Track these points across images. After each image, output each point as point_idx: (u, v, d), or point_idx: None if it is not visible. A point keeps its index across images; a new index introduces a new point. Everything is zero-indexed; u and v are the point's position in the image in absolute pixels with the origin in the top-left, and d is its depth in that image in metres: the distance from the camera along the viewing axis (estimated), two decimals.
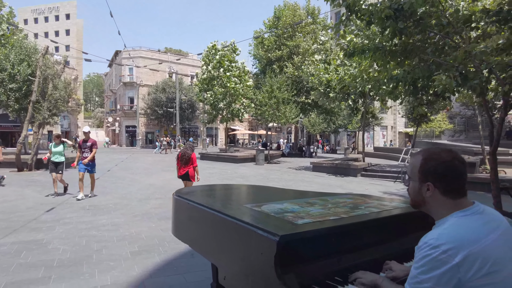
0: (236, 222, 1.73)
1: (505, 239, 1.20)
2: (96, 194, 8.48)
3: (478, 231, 1.16)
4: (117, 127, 46.85)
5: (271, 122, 21.04)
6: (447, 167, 1.25)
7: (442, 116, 28.82)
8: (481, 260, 1.10)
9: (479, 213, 1.23)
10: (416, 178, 1.32)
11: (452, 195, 1.26)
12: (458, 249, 1.10)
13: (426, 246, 1.16)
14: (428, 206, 1.33)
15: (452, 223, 1.21)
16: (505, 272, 1.13)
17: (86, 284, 3.36)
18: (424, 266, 1.15)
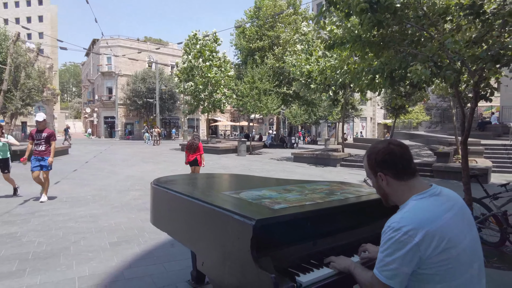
0: (213, 208, 1.75)
1: (460, 218, 1.31)
2: (48, 198, 6.74)
3: (434, 211, 1.26)
4: (96, 118, 45.60)
5: (253, 113, 21.01)
6: (384, 153, 1.38)
7: (419, 108, 29.61)
8: (438, 238, 1.20)
9: (436, 194, 1.33)
10: (371, 175, 1.45)
11: (401, 176, 1.37)
12: (417, 229, 1.20)
13: (389, 229, 1.26)
14: (390, 196, 1.43)
15: (411, 206, 1.31)
16: (460, 248, 1.24)
17: (63, 275, 3.30)
18: (388, 248, 1.24)
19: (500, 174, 11.55)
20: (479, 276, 1.32)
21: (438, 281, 1.23)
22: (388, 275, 1.25)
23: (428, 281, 1.24)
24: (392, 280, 1.24)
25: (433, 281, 1.23)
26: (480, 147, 13.35)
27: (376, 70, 4.31)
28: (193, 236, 1.96)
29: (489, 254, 3.98)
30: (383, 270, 1.26)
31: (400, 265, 1.22)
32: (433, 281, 1.23)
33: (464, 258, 1.25)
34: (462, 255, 1.24)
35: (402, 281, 1.25)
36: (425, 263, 1.22)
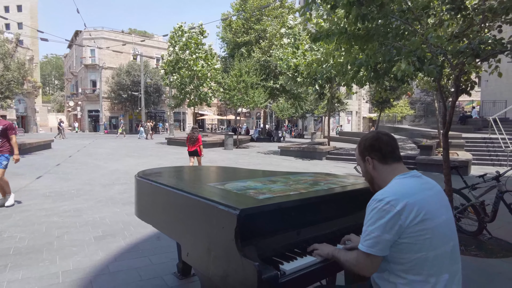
0: (198, 199, 1.75)
1: (438, 199, 1.44)
2: (9, 200, 5.71)
3: (415, 187, 1.40)
4: (79, 111, 44.56)
5: (240, 107, 20.94)
6: (373, 139, 1.56)
7: (404, 102, 30.14)
8: (417, 209, 1.32)
9: (417, 176, 1.48)
10: (361, 161, 1.62)
11: (386, 160, 1.52)
12: (399, 199, 1.33)
13: (373, 201, 1.39)
14: (376, 180, 1.56)
15: (394, 182, 1.45)
16: (436, 221, 1.36)
17: (46, 270, 3.25)
18: (371, 218, 1.36)
19: (480, 166, 11.91)
20: (454, 257, 1.41)
21: (417, 251, 1.32)
22: (370, 244, 1.35)
23: (408, 251, 1.33)
24: (374, 248, 1.34)
25: (412, 251, 1.32)
26: (461, 140, 13.71)
27: (361, 63, 4.35)
28: (177, 228, 1.96)
29: (468, 243, 4.12)
30: (366, 240, 1.36)
31: (382, 232, 1.32)
32: (412, 250, 1.32)
33: (440, 232, 1.36)
34: (438, 228, 1.35)
35: (384, 248, 1.34)
36: (405, 232, 1.32)
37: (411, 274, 1.34)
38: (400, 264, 1.36)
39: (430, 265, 1.33)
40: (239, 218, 1.44)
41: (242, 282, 1.39)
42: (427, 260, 1.33)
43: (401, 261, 1.36)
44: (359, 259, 1.40)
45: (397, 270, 1.37)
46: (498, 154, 12.81)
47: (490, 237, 4.30)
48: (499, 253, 3.88)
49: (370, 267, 1.38)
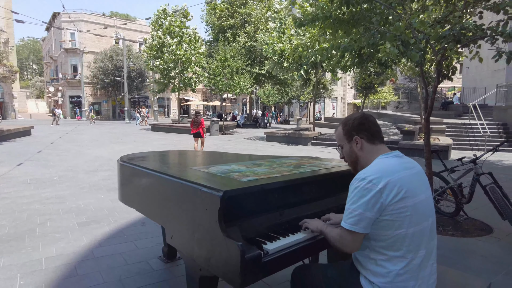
0: (181, 182, 1.75)
1: (418, 178, 1.48)
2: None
3: (397, 166, 1.43)
4: (60, 97, 43.22)
5: (225, 93, 20.75)
6: (361, 118, 1.57)
7: (388, 88, 30.46)
8: (397, 187, 1.35)
9: (399, 156, 1.51)
10: (345, 141, 1.61)
11: (374, 140, 1.54)
12: (380, 178, 1.36)
13: (355, 180, 1.41)
14: (361, 160, 1.57)
15: (376, 162, 1.48)
16: (416, 199, 1.40)
17: (28, 257, 3.21)
18: (354, 196, 1.39)
19: (459, 151, 12.27)
20: (432, 234, 1.47)
21: (397, 227, 1.36)
22: (352, 222, 1.38)
23: (389, 228, 1.37)
24: (356, 225, 1.37)
25: (392, 227, 1.37)
26: (442, 126, 14.05)
27: (345, 47, 4.36)
28: (161, 211, 1.96)
29: (445, 223, 4.28)
30: (348, 218, 1.40)
31: (364, 210, 1.36)
32: (393, 227, 1.37)
33: (420, 210, 1.40)
34: (418, 206, 1.40)
35: (366, 226, 1.37)
36: (386, 209, 1.35)
37: (390, 251, 1.39)
38: (380, 241, 1.40)
39: (409, 241, 1.38)
40: (222, 200, 1.45)
41: (226, 262, 1.41)
42: (406, 237, 1.37)
43: (381, 238, 1.40)
44: (343, 236, 1.43)
45: (377, 246, 1.41)
46: (477, 139, 13.22)
47: (466, 217, 4.48)
48: (473, 232, 4.05)
49: (353, 244, 1.42)
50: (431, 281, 1.47)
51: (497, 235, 3.95)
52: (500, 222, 4.09)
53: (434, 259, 1.50)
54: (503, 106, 15.01)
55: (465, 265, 3.17)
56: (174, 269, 3.01)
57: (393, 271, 1.38)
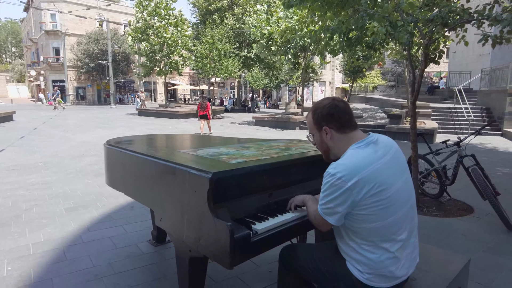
0: (169, 164, 1.74)
1: (393, 163, 1.44)
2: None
3: (369, 158, 1.37)
4: (43, 81, 41.86)
5: (213, 76, 20.49)
6: (330, 107, 1.47)
7: (375, 72, 30.61)
8: (370, 182, 1.32)
9: (372, 142, 1.44)
10: (315, 130, 1.54)
11: (344, 129, 1.47)
12: (351, 175, 1.32)
13: (327, 174, 1.38)
14: (332, 150, 1.53)
15: (348, 154, 1.42)
16: (391, 190, 1.37)
17: (15, 243, 3.18)
18: (326, 190, 1.38)
19: (445, 134, 12.52)
20: (412, 214, 1.48)
21: (373, 220, 1.36)
22: (326, 212, 1.40)
23: (364, 221, 1.37)
24: (330, 217, 1.39)
25: (368, 221, 1.37)
26: (428, 110, 14.27)
27: (334, 29, 4.33)
28: (150, 194, 1.96)
29: (429, 205, 4.40)
30: (323, 208, 1.41)
31: (335, 205, 1.36)
32: (368, 220, 1.37)
33: (396, 199, 1.38)
34: (394, 196, 1.37)
35: (339, 219, 1.39)
36: (359, 205, 1.34)
37: (366, 241, 1.40)
38: (356, 232, 1.41)
39: (385, 231, 1.38)
40: (211, 181, 1.45)
41: (215, 242, 1.42)
42: (382, 228, 1.37)
43: (357, 230, 1.40)
44: (317, 217, 1.46)
45: (354, 237, 1.43)
46: (461, 123, 13.50)
47: (449, 198, 4.62)
48: (456, 212, 4.19)
49: (325, 227, 1.46)
50: (413, 255, 1.51)
51: (478, 215, 4.10)
52: (481, 203, 4.23)
53: (416, 236, 1.52)
54: (486, 91, 15.30)
55: (447, 244, 3.29)
56: (163, 252, 3.03)
57: (373, 259, 1.40)
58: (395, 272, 1.41)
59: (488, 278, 2.62)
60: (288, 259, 1.70)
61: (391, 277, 1.42)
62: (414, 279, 1.64)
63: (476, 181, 3.78)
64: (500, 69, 14.05)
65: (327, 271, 1.53)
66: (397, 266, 1.42)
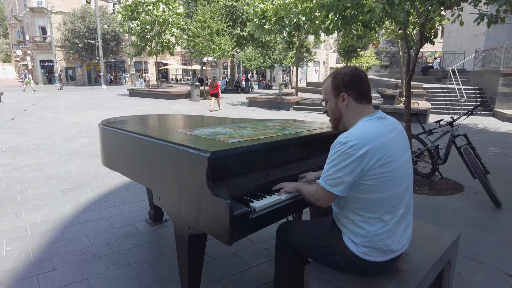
0: (167, 144, 1.74)
1: (399, 140, 1.48)
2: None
3: (379, 130, 1.41)
4: (30, 62, 40.73)
5: (205, 56, 20.14)
6: (352, 75, 1.48)
7: (370, 52, 30.39)
8: (379, 153, 1.36)
9: (382, 118, 1.49)
10: (332, 96, 1.54)
11: (361, 100, 1.49)
12: (362, 144, 1.34)
13: (337, 143, 1.40)
14: (344, 118, 1.54)
15: (359, 125, 1.45)
16: (397, 163, 1.41)
17: (11, 224, 3.19)
18: (335, 160, 1.39)
19: (437, 115, 12.63)
20: (409, 193, 1.54)
21: (376, 191, 1.40)
22: (331, 183, 1.40)
23: (368, 191, 1.40)
24: (335, 187, 1.40)
25: (372, 191, 1.40)
26: (422, 90, 14.32)
27: (330, 7, 4.26)
28: (147, 174, 1.96)
29: (421, 183, 4.49)
30: (328, 180, 1.41)
31: (344, 174, 1.37)
32: (372, 191, 1.40)
33: (400, 173, 1.43)
34: (398, 170, 1.42)
35: (345, 189, 1.40)
36: (366, 174, 1.37)
37: (368, 212, 1.43)
38: (358, 203, 1.44)
39: (387, 203, 1.42)
40: (209, 161, 1.46)
41: (215, 220, 1.44)
42: (384, 200, 1.41)
43: (359, 201, 1.43)
44: (318, 192, 1.47)
45: (355, 208, 1.46)
46: (454, 103, 13.60)
47: (441, 177, 4.71)
48: (446, 191, 4.29)
49: (325, 200, 1.47)
50: (407, 233, 1.56)
51: (467, 193, 4.20)
52: (471, 181, 4.34)
53: (411, 214, 1.58)
54: (480, 71, 15.34)
55: (438, 221, 3.39)
56: (161, 231, 3.07)
57: (371, 231, 1.44)
58: (390, 246, 1.46)
59: (475, 252, 2.72)
60: (285, 235, 1.74)
61: (386, 250, 1.47)
62: (407, 253, 1.70)
63: (468, 160, 3.86)
64: (494, 49, 14.05)
65: (324, 245, 1.58)
66: (393, 239, 1.47)
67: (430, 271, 1.63)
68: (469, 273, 2.43)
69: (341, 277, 1.52)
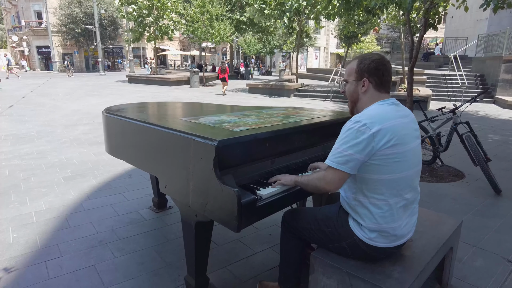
0: (173, 133, 1.74)
1: (410, 127, 1.51)
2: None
3: (391, 114, 1.45)
4: (26, 48, 40.20)
5: (204, 41, 19.88)
6: (379, 62, 1.50)
7: (371, 38, 30.07)
8: (390, 134, 1.38)
9: (395, 104, 1.52)
10: (353, 78, 1.55)
11: (381, 88, 1.52)
12: (375, 123, 1.38)
13: (350, 122, 1.43)
14: (359, 104, 1.56)
15: (372, 107, 1.48)
16: (406, 147, 1.44)
17: (17, 211, 3.21)
18: (346, 137, 1.41)
19: (438, 101, 12.61)
20: (417, 182, 1.56)
21: (384, 172, 1.42)
22: (340, 161, 1.40)
23: (376, 172, 1.42)
24: (344, 165, 1.40)
25: (380, 172, 1.42)
26: (423, 77, 14.22)
27: None
28: (153, 162, 1.97)
29: (422, 171, 4.50)
30: (336, 157, 1.42)
31: (354, 151, 1.38)
32: (380, 172, 1.42)
33: (409, 157, 1.45)
34: (408, 153, 1.45)
35: (354, 166, 1.41)
36: (376, 154, 1.39)
37: (375, 194, 1.45)
38: (366, 184, 1.46)
39: (395, 185, 1.44)
40: (217, 149, 1.47)
41: (222, 207, 1.46)
42: (392, 181, 1.43)
43: (367, 181, 1.45)
44: (327, 174, 1.46)
45: (363, 189, 1.48)
46: (455, 90, 13.53)
47: (441, 165, 4.74)
48: (447, 178, 4.32)
49: (336, 182, 1.45)
50: (413, 221, 1.59)
51: (468, 180, 4.24)
52: (471, 169, 4.36)
53: (417, 203, 1.60)
54: (482, 57, 15.21)
55: (438, 207, 3.42)
56: (165, 218, 3.11)
57: (377, 213, 1.46)
58: (396, 230, 1.49)
59: (475, 239, 2.76)
60: (291, 221, 1.76)
61: (392, 235, 1.49)
62: (411, 240, 1.73)
63: (469, 148, 3.87)
64: (497, 35, 13.90)
65: (330, 232, 1.60)
66: (399, 224, 1.49)
67: (433, 257, 1.66)
68: (469, 258, 2.48)
69: (347, 263, 1.55)
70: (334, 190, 1.51)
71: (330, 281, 1.57)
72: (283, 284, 1.89)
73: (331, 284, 1.57)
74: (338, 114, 2.50)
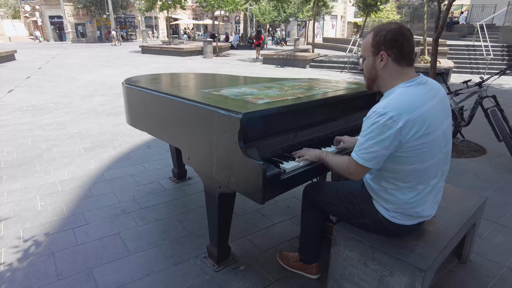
0: (197, 105, 1.72)
1: (440, 106, 1.39)
2: None
3: (419, 99, 1.32)
4: (39, 17, 40.04)
5: (217, 9, 19.36)
6: (396, 32, 1.34)
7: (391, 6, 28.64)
8: (419, 124, 1.28)
9: (422, 83, 1.38)
10: (370, 53, 1.41)
11: (401, 61, 1.37)
12: (402, 114, 1.26)
13: (374, 114, 1.30)
14: (380, 80, 1.44)
15: (398, 92, 1.34)
16: (436, 134, 1.34)
17: (42, 180, 3.33)
18: (372, 132, 1.30)
19: (459, 74, 12.13)
20: (446, 159, 1.48)
21: (412, 163, 1.35)
22: (366, 157, 1.34)
23: (403, 163, 1.36)
24: (370, 162, 1.34)
25: (407, 163, 1.35)
26: (445, 48, 13.60)
27: None
28: (176, 133, 1.97)
29: None
30: (362, 153, 1.35)
31: (380, 148, 1.30)
32: (407, 162, 1.35)
33: (438, 143, 1.37)
34: (436, 140, 1.35)
35: (379, 162, 1.35)
36: (403, 146, 1.31)
37: (401, 182, 1.40)
38: (392, 173, 1.40)
39: (422, 173, 1.38)
40: (242, 122, 1.45)
41: (247, 180, 1.47)
42: (419, 170, 1.37)
43: (394, 171, 1.39)
44: (351, 166, 1.40)
45: (389, 177, 1.43)
46: (479, 62, 12.94)
47: (463, 139, 4.62)
48: (468, 153, 4.22)
49: (360, 174, 1.41)
50: (437, 198, 1.55)
51: (490, 156, 4.13)
52: (494, 144, 4.25)
53: (444, 179, 1.54)
54: (510, 26, 14.36)
55: (458, 183, 3.37)
56: (185, 188, 3.17)
57: (402, 200, 1.43)
58: (420, 213, 1.48)
59: (496, 215, 2.73)
60: (313, 195, 1.76)
61: (416, 216, 1.48)
62: (435, 216, 1.71)
63: (495, 123, 3.74)
64: None
65: (353, 208, 1.60)
66: (424, 208, 1.47)
67: (457, 233, 1.65)
68: (490, 235, 2.46)
69: (370, 237, 1.56)
70: (357, 179, 1.47)
71: (352, 253, 1.59)
72: (303, 255, 1.93)
73: (353, 256, 1.59)
74: (361, 87, 2.42)
